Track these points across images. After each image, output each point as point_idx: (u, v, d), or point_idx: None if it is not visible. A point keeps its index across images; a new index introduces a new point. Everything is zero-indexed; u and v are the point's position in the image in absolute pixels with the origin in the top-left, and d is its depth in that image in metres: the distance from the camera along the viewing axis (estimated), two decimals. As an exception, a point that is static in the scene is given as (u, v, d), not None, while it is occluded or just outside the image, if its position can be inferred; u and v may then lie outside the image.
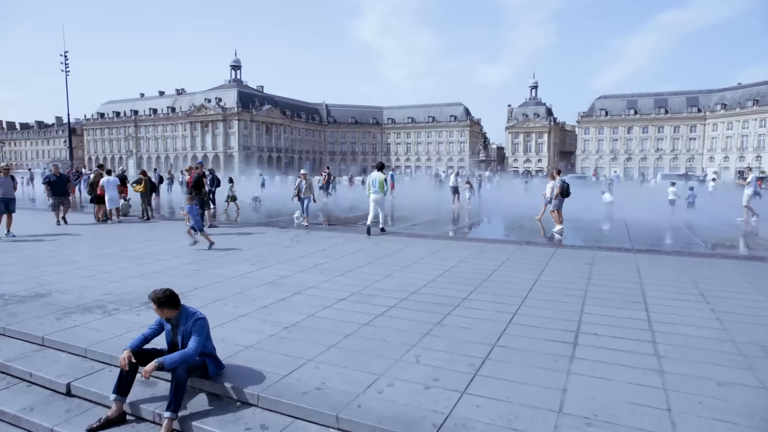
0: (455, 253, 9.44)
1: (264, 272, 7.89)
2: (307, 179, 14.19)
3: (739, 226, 15.18)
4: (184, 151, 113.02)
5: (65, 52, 77.35)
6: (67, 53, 77.11)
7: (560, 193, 12.53)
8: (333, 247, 10.22)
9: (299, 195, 14.03)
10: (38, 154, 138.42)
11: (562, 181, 12.76)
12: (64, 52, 77.04)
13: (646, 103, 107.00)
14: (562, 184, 12.61)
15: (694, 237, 12.68)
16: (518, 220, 16.05)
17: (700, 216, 17.59)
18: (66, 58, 76.99)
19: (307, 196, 13.96)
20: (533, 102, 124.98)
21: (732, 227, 15.17)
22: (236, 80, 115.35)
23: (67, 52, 76.97)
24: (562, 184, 12.63)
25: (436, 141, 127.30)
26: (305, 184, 14.01)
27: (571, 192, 13.01)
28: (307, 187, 14.00)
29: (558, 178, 12.95)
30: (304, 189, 13.95)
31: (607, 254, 9.37)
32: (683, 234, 13.23)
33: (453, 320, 5.47)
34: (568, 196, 12.70)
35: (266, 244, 10.64)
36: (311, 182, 14.31)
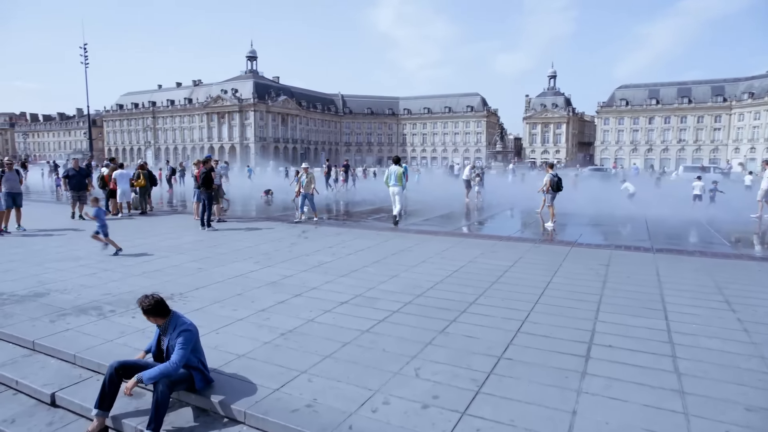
0: (465, 251, 9.13)
1: (267, 271, 7.70)
2: (309, 173, 13.63)
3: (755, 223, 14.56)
4: (201, 142, 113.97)
5: (84, 44, 78.41)
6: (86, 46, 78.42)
7: (551, 187, 12.61)
8: (340, 244, 9.99)
9: (299, 190, 13.60)
10: (60, 146, 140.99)
11: (553, 175, 12.77)
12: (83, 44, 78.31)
13: (669, 93, 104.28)
14: (552, 179, 12.66)
15: (717, 235, 12.14)
16: (533, 215, 15.62)
17: (725, 212, 16.91)
18: (85, 51, 78.07)
19: (308, 192, 13.41)
20: (551, 92, 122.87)
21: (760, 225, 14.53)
22: (252, 71, 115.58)
23: (86, 45, 78.04)
24: (552, 178, 12.68)
25: (453, 132, 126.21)
26: (306, 178, 13.49)
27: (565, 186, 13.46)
28: (308, 182, 13.44)
29: (550, 172, 12.98)
30: (306, 183, 13.44)
31: (624, 254, 8.96)
32: (706, 232, 12.66)
33: (458, 328, 5.19)
34: (559, 190, 12.76)
35: (272, 240, 10.45)
36: (312, 176, 13.76)
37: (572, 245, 9.81)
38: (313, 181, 13.62)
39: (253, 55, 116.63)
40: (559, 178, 12.93)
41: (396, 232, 11.39)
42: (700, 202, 18.38)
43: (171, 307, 5.93)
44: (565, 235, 11.62)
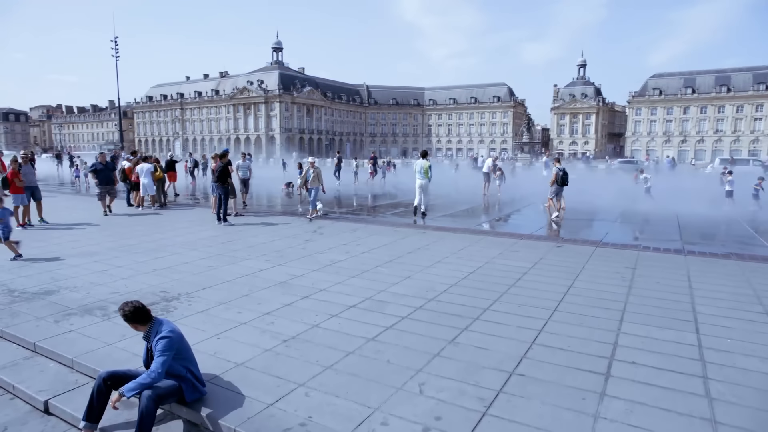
0: (483, 251, 8.78)
1: (277, 270, 7.53)
2: (315, 167, 13.00)
3: None
4: (227, 133, 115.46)
5: (115, 38, 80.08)
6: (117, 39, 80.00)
7: (555, 180, 12.81)
8: (355, 241, 9.76)
9: (306, 185, 13.05)
10: (93, 137, 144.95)
11: (559, 169, 12.92)
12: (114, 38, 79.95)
13: (706, 81, 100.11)
14: (558, 172, 12.83)
15: (758, 236, 11.42)
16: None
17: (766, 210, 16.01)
18: (116, 44, 79.76)
19: (315, 186, 12.83)
20: (581, 81, 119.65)
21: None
22: (278, 62, 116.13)
23: (116, 38, 79.64)
24: (558, 172, 12.84)
25: (479, 122, 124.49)
26: (313, 172, 12.87)
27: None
28: (315, 177, 12.85)
29: (557, 166, 13.20)
30: (312, 178, 12.83)
31: (652, 256, 8.46)
32: (745, 232, 11.92)
33: (469, 337, 4.90)
34: (565, 184, 12.94)
35: (287, 236, 10.30)
36: (320, 171, 13.14)
37: (597, 245, 9.34)
38: (321, 176, 13.10)
39: (278, 46, 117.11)
40: (565, 173, 13.03)
41: (413, 229, 11.10)
42: (731, 198, 17.32)
43: (176, 309, 5.94)
44: (590, 234, 11.12)
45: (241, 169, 15.69)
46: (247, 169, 16.05)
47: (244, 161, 16.23)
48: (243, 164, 15.98)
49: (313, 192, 12.81)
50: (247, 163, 16.23)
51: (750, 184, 18.05)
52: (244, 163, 16.12)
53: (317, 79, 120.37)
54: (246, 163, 16.26)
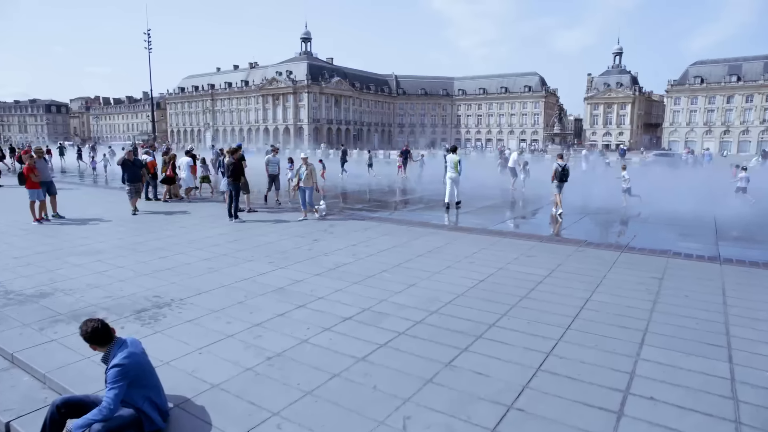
0: (498, 255, 8.27)
1: (278, 274, 7.23)
2: (308, 164, 11.80)
3: None
4: (256, 123, 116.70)
5: (148, 30, 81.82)
6: (150, 31, 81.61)
7: (555, 176, 13.00)
8: (365, 241, 9.38)
9: (298, 184, 11.87)
10: (128, 128, 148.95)
11: (559, 165, 13.15)
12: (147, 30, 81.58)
13: (753, 68, 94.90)
14: (557, 168, 13.04)
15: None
16: (585, 209, 14.33)
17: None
18: (149, 36, 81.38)
19: (309, 187, 11.70)
20: (616, 70, 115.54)
21: None
22: (306, 53, 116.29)
23: (149, 30, 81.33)
24: (557, 168, 13.06)
25: (509, 113, 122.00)
26: (306, 170, 11.67)
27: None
28: (308, 175, 11.65)
29: (558, 162, 13.34)
30: (305, 177, 11.65)
31: (684, 263, 7.76)
32: None
33: (468, 360, 4.46)
34: (565, 180, 13.11)
35: (295, 235, 10.00)
36: (313, 168, 11.97)
37: (623, 249, 8.68)
38: (314, 173, 11.95)
39: (307, 36, 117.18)
40: (565, 169, 13.21)
41: (428, 228, 10.64)
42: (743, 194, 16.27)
43: (164, 317, 5.69)
44: (618, 236, 10.43)
45: (270, 165, 14.98)
46: (277, 165, 15.17)
47: (275, 156, 15.30)
48: (273, 159, 15.13)
49: (307, 193, 11.73)
50: (277, 159, 15.30)
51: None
52: (274, 158, 15.20)
53: (345, 70, 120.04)
54: (276, 158, 15.26)
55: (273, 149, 15.84)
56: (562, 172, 12.92)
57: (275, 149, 15.85)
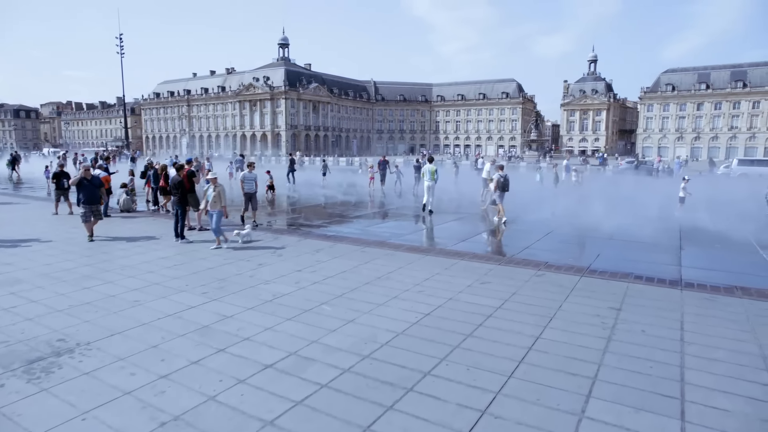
0: (452, 281, 7.77)
1: (209, 308, 6.59)
2: (217, 185, 10.22)
3: None
4: (233, 129, 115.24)
5: (120, 35, 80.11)
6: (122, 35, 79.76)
7: (497, 186, 13.88)
8: (313, 266, 8.79)
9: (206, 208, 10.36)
10: (102, 133, 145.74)
11: (500, 176, 13.97)
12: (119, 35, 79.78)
13: (721, 77, 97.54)
14: (499, 179, 13.90)
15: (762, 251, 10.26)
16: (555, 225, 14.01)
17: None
18: (121, 41, 79.59)
19: (216, 210, 10.14)
20: (591, 77, 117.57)
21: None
22: (284, 58, 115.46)
23: (121, 35, 79.50)
24: (499, 178, 13.91)
25: (487, 119, 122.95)
26: (214, 191, 10.14)
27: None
28: (216, 197, 10.11)
29: (500, 173, 14.09)
30: (212, 199, 10.10)
31: (644, 289, 7.36)
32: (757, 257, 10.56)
33: (391, 422, 3.90)
34: (507, 190, 14.01)
35: (241, 258, 9.35)
36: (222, 189, 10.36)
37: (583, 273, 8.27)
38: (223, 196, 10.37)
39: (284, 42, 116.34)
40: (507, 180, 14.14)
41: (383, 249, 10.09)
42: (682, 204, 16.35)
43: (60, 368, 4.99)
44: (581, 255, 10.04)
45: (246, 182, 13.07)
46: (254, 182, 13.27)
47: (251, 172, 13.32)
48: (249, 176, 13.17)
49: (215, 217, 10.17)
50: (254, 175, 13.33)
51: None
52: (250, 174, 13.22)
53: (324, 76, 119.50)
54: (253, 174, 13.31)
55: (249, 165, 13.90)
56: (504, 182, 13.95)
57: (251, 165, 13.89)
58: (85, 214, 11.20)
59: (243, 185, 13.05)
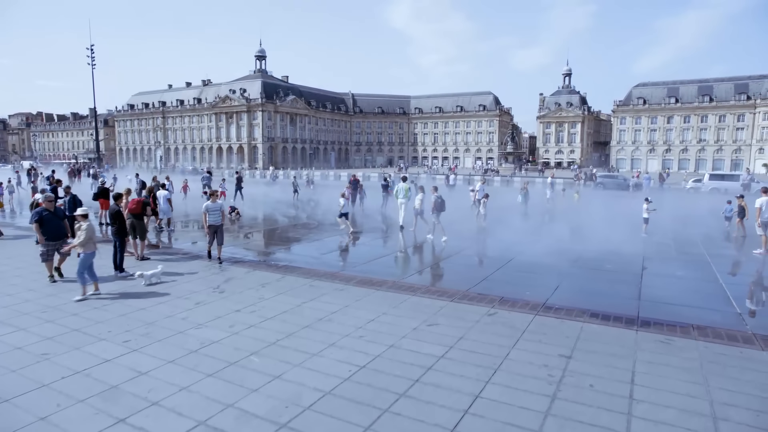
0: (398, 322, 7.28)
1: (125, 361, 5.96)
2: (86, 224, 8.64)
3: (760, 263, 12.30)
4: (209, 142, 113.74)
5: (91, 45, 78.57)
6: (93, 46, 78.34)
7: (434, 208, 14.86)
8: (254, 304, 8.21)
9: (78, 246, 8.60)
10: (73, 145, 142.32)
11: (437, 197, 14.99)
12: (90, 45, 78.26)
13: (689, 91, 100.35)
14: (436, 200, 14.93)
15: (724, 287, 10.03)
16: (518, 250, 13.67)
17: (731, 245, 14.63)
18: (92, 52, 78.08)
19: (89, 251, 8.60)
20: (566, 90, 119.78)
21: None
22: (261, 70, 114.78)
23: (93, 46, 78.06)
24: (436, 200, 14.94)
25: (464, 131, 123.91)
26: (85, 231, 8.57)
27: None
28: (86, 237, 8.55)
29: (435, 194, 15.07)
30: (83, 240, 8.53)
31: (598, 331, 6.98)
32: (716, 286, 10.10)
33: None
34: (443, 210, 15.03)
35: (178, 296, 8.71)
36: (91, 228, 8.72)
37: (538, 310, 7.87)
38: (93, 235, 8.80)
39: (261, 54, 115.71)
40: (443, 200, 15.12)
41: (334, 282, 9.55)
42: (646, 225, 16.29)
43: None
44: (540, 287, 9.65)
45: (211, 213, 11.26)
46: (219, 213, 11.43)
47: (215, 202, 11.47)
48: (213, 206, 11.34)
49: (82, 259, 8.53)
50: (218, 205, 11.53)
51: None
52: (214, 205, 11.38)
53: (301, 88, 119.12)
54: (218, 204, 11.51)
55: (211, 194, 11.87)
56: (440, 203, 14.93)
57: (214, 194, 11.91)
58: (47, 252, 9.59)
59: (206, 217, 11.29)
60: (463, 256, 12.56)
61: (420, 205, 15.62)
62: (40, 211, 9.74)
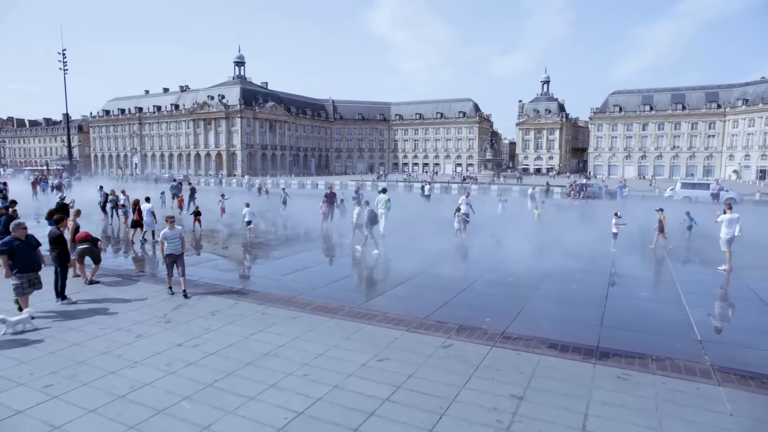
0: (346, 358, 6.88)
1: (37, 414, 5.43)
2: None
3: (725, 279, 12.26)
4: (187, 149, 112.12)
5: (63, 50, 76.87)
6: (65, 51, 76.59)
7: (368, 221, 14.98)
8: (201, 336, 7.74)
9: None
10: (46, 151, 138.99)
11: (369, 211, 15.21)
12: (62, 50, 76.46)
13: (663, 99, 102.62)
14: (369, 213, 15.11)
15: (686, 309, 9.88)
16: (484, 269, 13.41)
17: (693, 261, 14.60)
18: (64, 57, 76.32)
19: None
20: (545, 97, 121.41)
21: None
22: (240, 77, 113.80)
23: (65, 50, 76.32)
24: (369, 213, 15.12)
25: (444, 138, 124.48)
26: None
27: None
28: None
29: (367, 208, 15.33)
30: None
31: (554, 365, 6.69)
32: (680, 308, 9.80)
33: None
34: (376, 223, 15.18)
35: (118, 327, 8.17)
36: None
37: (496, 341, 7.56)
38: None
39: (240, 60, 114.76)
40: (375, 214, 15.61)
41: (289, 309, 9.10)
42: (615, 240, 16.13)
43: None
44: (501, 312, 9.36)
45: (169, 242, 10.07)
46: (179, 240, 10.21)
47: (172, 229, 10.17)
48: (170, 234, 10.10)
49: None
50: (177, 232, 10.23)
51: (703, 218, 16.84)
52: (172, 232, 10.12)
53: (281, 94, 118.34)
54: (176, 231, 10.21)
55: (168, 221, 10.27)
56: (371, 216, 15.23)
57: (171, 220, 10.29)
58: (21, 286, 8.65)
59: (163, 246, 10.08)
60: (429, 276, 12.17)
61: (357, 219, 16.02)
62: (10, 241, 8.66)
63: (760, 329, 8.72)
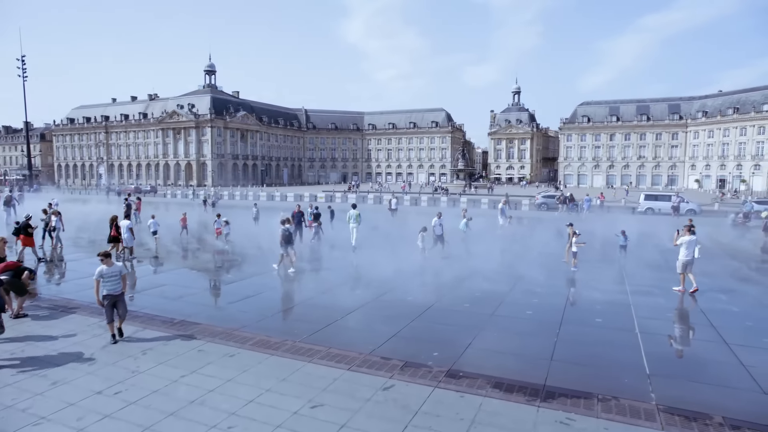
0: (276, 406, 6.41)
1: None
2: None
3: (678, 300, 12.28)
4: (156, 158, 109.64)
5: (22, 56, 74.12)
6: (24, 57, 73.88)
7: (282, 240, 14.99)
8: (125, 381, 7.15)
9: None
10: (5, 161, 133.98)
11: (284, 229, 15.09)
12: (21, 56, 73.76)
13: (629, 110, 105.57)
14: (284, 233, 15.05)
15: (639, 341, 9.74)
16: (440, 294, 13.09)
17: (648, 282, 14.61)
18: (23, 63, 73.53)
19: None
20: (516, 107, 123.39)
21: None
22: (210, 85, 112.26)
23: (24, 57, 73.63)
24: (284, 232, 15.06)
25: (417, 147, 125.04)
26: None
27: None
28: None
29: (286, 226, 15.22)
30: None
31: (496, 409, 6.36)
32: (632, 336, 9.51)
33: None
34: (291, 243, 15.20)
35: (34, 372, 7.51)
36: None
37: (440, 379, 7.21)
38: None
39: (211, 69, 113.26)
40: (290, 233, 15.44)
41: (228, 345, 8.56)
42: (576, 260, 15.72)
43: None
44: (450, 343, 9.02)
45: (106, 281, 8.74)
46: (118, 278, 8.85)
47: (111, 267, 8.85)
48: (108, 272, 8.77)
49: None
50: (116, 269, 8.92)
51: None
52: (109, 269, 8.78)
53: (252, 103, 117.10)
54: (115, 269, 8.91)
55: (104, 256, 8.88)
56: (289, 236, 15.17)
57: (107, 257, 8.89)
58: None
59: (98, 286, 8.74)
60: (382, 304, 11.61)
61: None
62: None
63: (707, 359, 8.60)
